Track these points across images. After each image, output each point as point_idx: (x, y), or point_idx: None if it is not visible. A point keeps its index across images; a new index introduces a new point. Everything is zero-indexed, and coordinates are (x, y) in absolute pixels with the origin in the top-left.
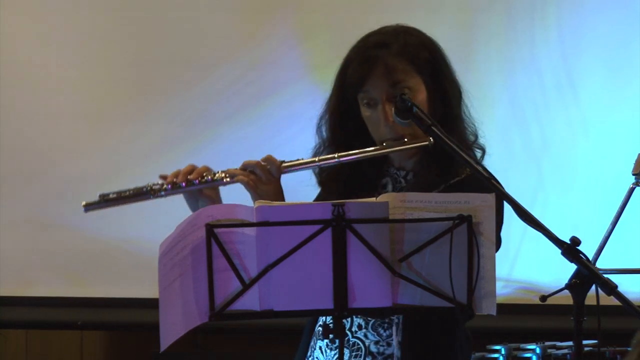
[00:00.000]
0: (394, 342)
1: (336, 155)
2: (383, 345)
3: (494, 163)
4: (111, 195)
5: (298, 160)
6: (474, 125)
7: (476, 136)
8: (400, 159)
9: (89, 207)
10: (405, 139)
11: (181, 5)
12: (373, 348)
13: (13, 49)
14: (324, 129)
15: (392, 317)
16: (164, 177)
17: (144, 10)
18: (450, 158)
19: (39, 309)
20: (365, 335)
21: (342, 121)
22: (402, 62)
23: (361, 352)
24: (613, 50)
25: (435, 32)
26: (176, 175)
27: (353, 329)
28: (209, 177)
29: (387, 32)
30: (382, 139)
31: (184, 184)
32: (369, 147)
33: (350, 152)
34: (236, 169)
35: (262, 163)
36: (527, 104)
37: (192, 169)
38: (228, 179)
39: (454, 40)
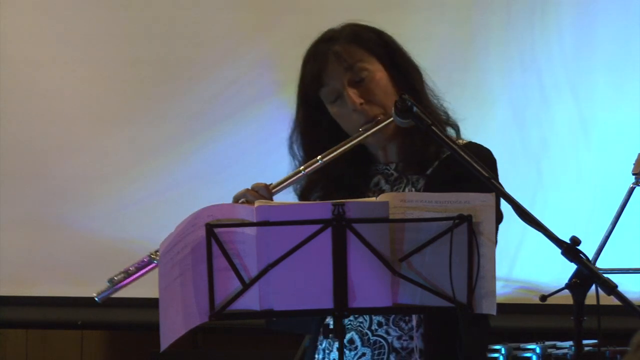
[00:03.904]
0: (417, 335)
1: (319, 158)
2: (406, 340)
3: None
4: (117, 277)
5: (284, 178)
6: (442, 105)
7: (447, 114)
8: (382, 145)
9: (101, 295)
10: (379, 118)
11: (181, 5)
12: (396, 344)
13: (13, 49)
14: (295, 146)
15: None
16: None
17: (144, 10)
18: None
19: (39, 309)
20: (387, 332)
21: (314, 132)
22: (352, 46)
23: (384, 349)
24: (613, 50)
25: (435, 31)
26: None
27: (373, 327)
28: None
29: (334, 29)
30: (356, 128)
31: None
32: (345, 140)
33: (331, 149)
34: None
35: (251, 189)
36: (527, 103)
37: None
38: None
39: (454, 40)
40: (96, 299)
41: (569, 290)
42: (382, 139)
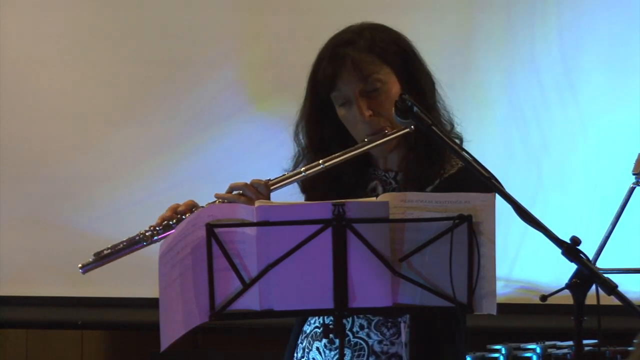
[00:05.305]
0: (401, 342)
1: (320, 162)
2: (387, 345)
3: (494, 163)
4: (105, 251)
5: (284, 175)
6: (449, 115)
7: (452, 125)
8: (384, 154)
9: (85, 267)
10: (386, 131)
11: (181, 5)
12: (377, 347)
13: (13, 48)
14: (301, 135)
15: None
16: (152, 226)
17: (144, 10)
18: (437, 150)
19: (39, 309)
20: (368, 335)
21: (319, 125)
22: (370, 56)
23: (364, 351)
24: (613, 50)
25: (435, 31)
26: (163, 218)
27: (354, 329)
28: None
29: (353, 30)
30: (361, 137)
31: (173, 221)
32: (350, 148)
33: (334, 155)
34: (223, 193)
35: (250, 185)
36: (527, 103)
37: (177, 206)
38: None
39: (454, 40)
40: (80, 270)
41: (569, 290)
42: (385, 150)
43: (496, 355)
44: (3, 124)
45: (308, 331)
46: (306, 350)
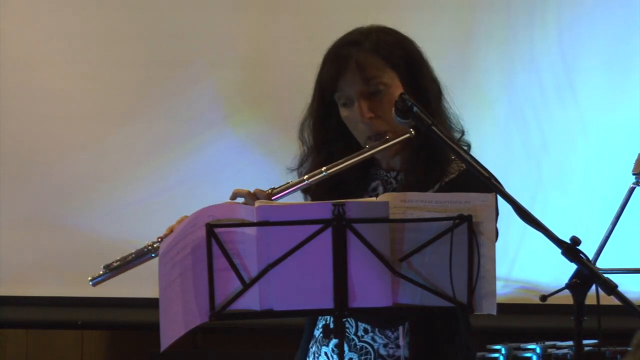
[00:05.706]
0: (402, 343)
1: (323, 170)
2: (392, 347)
3: (494, 163)
4: (114, 264)
5: (287, 183)
6: (459, 122)
7: (462, 132)
8: (387, 158)
9: (95, 280)
10: (387, 136)
11: (182, 6)
12: (382, 351)
13: (13, 49)
14: (306, 133)
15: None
16: (160, 237)
17: (144, 11)
18: (438, 155)
19: (39, 309)
20: (373, 339)
21: (324, 124)
22: (374, 58)
23: (370, 355)
24: (612, 50)
25: (435, 31)
26: (172, 229)
27: (359, 333)
28: None
29: (361, 31)
30: (362, 137)
31: None
32: (352, 149)
33: (337, 162)
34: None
35: (253, 194)
36: (527, 103)
37: (185, 218)
38: None
39: (454, 40)
40: (90, 283)
41: (569, 290)
42: (387, 155)
43: (496, 355)
44: (3, 124)
45: (317, 335)
46: (315, 355)
